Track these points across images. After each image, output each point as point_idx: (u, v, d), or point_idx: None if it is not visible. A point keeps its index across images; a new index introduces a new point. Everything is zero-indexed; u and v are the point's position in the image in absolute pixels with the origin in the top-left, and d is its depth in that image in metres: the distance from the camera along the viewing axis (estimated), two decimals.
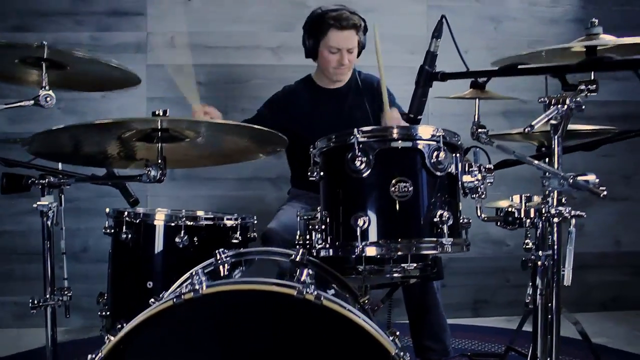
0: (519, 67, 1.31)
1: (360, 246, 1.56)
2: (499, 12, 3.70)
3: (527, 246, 1.84)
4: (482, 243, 3.48)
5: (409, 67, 3.59)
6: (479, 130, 1.82)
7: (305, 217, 1.91)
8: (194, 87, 2.31)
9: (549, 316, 1.61)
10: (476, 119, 1.84)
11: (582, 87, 1.71)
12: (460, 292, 3.60)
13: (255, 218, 2.25)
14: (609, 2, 3.74)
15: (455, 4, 3.67)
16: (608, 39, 1.71)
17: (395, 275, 1.81)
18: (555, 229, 1.55)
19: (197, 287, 1.29)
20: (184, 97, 2.44)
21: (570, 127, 1.66)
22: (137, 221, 2.09)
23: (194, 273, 1.39)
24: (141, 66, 3.51)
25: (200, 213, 2.45)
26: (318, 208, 1.78)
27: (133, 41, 3.52)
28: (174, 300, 1.26)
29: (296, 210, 2.50)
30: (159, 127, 1.72)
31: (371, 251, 1.57)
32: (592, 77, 1.79)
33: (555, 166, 1.55)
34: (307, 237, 1.89)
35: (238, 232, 2.13)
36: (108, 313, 2.21)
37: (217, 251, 1.79)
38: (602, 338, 3.19)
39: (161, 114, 1.78)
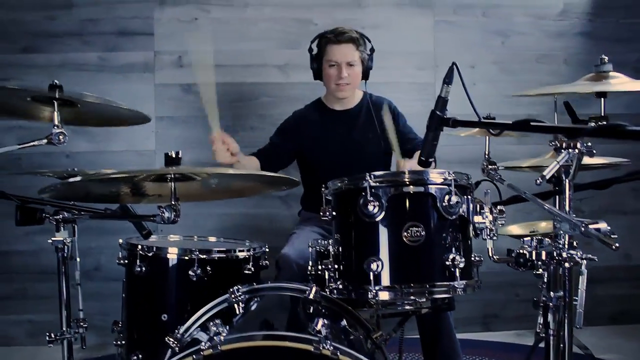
0: (532, 124, 1.31)
1: (374, 291, 1.57)
2: (506, 26, 3.69)
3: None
4: (495, 255, 3.46)
5: (416, 83, 3.66)
6: (490, 167, 1.84)
7: (317, 248, 1.94)
8: (216, 109, 2.31)
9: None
10: (486, 156, 1.86)
11: (592, 123, 1.73)
12: (469, 307, 3.62)
13: (267, 246, 2.27)
14: (616, 14, 3.72)
15: (462, 18, 3.66)
16: (617, 80, 1.70)
17: (407, 307, 1.83)
18: (567, 271, 1.57)
19: (216, 341, 1.31)
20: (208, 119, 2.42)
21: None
22: (150, 254, 2.11)
23: (212, 323, 1.41)
24: (149, 85, 3.53)
25: (212, 240, 2.49)
26: (330, 241, 1.81)
27: (141, 61, 3.54)
28: (194, 356, 1.28)
29: (311, 235, 2.54)
30: (172, 177, 1.72)
31: (384, 296, 1.59)
32: (603, 113, 1.82)
33: (567, 209, 1.56)
34: (319, 267, 1.93)
35: (250, 263, 2.14)
36: (123, 342, 2.23)
37: (231, 290, 1.81)
38: (611, 354, 3.20)
39: (173, 155, 1.79)
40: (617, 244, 1.38)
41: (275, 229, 3.51)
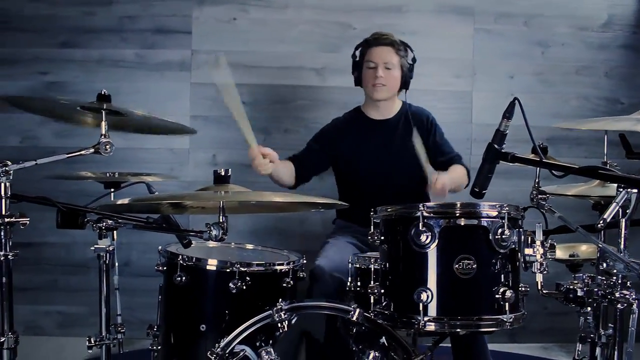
0: (600, 171, 1.29)
1: (423, 321, 1.57)
2: (547, 36, 3.63)
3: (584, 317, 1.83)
4: (530, 285, 3.43)
5: (453, 91, 3.62)
6: (540, 196, 1.82)
7: (357, 264, 1.94)
8: (249, 126, 2.31)
9: None
10: (537, 185, 1.84)
11: None
12: None
13: (304, 258, 2.27)
14: None
15: (503, 27, 3.61)
16: None
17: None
18: (618, 312, 1.56)
19: None
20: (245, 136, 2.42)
21: None
22: (191, 265, 2.12)
23: (264, 352, 1.40)
24: (185, 84, 3.53)
25: (249, 247, 2.50)
26: (372, 259, 1.80)
27: (177, 59, 3.54)
28: None
29: (345, 246, 2.53)
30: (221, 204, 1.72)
31: (431, 327, 1.59)
32: None
33: (622, 249, 1.54)
34: (358, 283, 1.94)
35: (290, 277, 2.14)
36: (159, 347, 2.24)
37: (275, 309, 1.81)
38: None
39: (223, 173, 1.80)
40: None
41: (306, 232, 3.51)
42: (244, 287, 2.05)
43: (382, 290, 1.71)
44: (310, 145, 2.91)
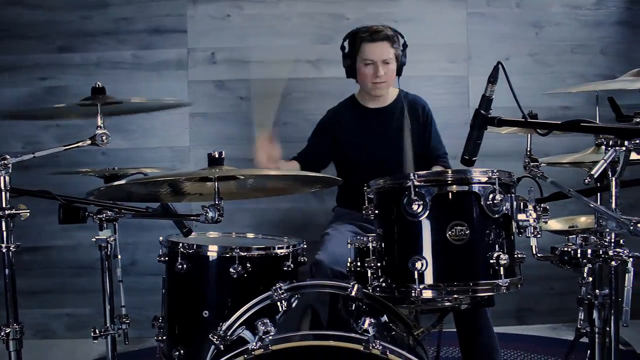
0: (583, 124, 1.30)
1: (418, 289, 1.58)
2: (541, 17, 3.63)
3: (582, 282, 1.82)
4: (526, 251, 3.43)
5: (448, 76, 3.63)
6: (532, 164, 1.83)
7: (356, 245, 1.96)
8: (272, 113, 2.34)
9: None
10: (528, 152, 1.85)
11: (638, 119, 1.71)
12: (504, 300, 3.57)
13: (304, 242, 2.29)
14: None
15: (496, 10, 3.62)
16: None
17: (447, 303, 1.83)
18: (613, 270, 1.56)
19: (266, 341, 1.34)
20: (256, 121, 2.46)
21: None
22: (191, 252, 2.14)
23: (260, 322, 1.43)
24: (183, 82, 3.57)
25: (250, 236, 2.52)
26: (370, 237, 1.81)
27: (174, 58, 3.58)
28: (245, 356, 1.31)
29: (344, 237, 2.54)
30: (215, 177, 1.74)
31: (427, 294, 1.60)
32: None
33: (613, 207, 1.55)
34: (359, 263, 1.95)
35: (290, 260, 2.16)
36: (164, 337, 2.27)
37: (274, 287, 1.82)
38: None
39: (217, 155, 1.82)
40: None
41: (309, 223, 3.53)
42: (245, 272, 2.08)
43: (379, 264, 1.72)
44: (310, 141, 2.94)
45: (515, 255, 1.71)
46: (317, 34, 3.59)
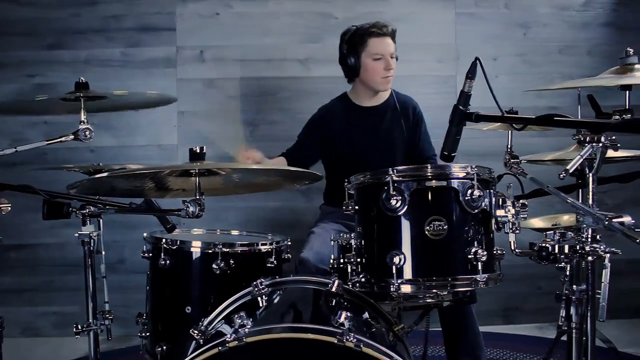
0: (556, 118, 1.31)
1: (396, 284, 1.59)
2: (529, 17, 3.65)
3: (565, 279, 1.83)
4: (517, 249, 3.43)
5: (437, 76, 3.65)
6: (512, 160, 1.84)
7: (339, 242, 1.96)
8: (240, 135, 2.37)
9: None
10: (509, 149, 1.86)
11: (616, 116, 1.73)
12: (491, 299, 3.61)
13: (289, 240, 2.29)
14: None
15: (484, 10, 3.64)
16: None
17: (429, 300, 1.84)
18: (589, 265, 1.57)
19: (241, 333, 1.34)
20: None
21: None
22: (175, 248, 2.14)
23: (236, 316, 1.43)
24: (171, 80, 3.56)
25: (235, 233, 2.52)
26: (352, 234, 1.82)
27: (163, 56, 3.58)
28: (220, 348, 1.31)
29: (329, 236, 2.55)
30: (196, 172, 1.75)
31: (406, 289, 1.60)
32: (627, 106, 1.80)
33: (590, 203, 1.56)
34: (341, 260, 1.95)
35: (273, 257, 2.16)
36: (147, 334, 2.27)
37: (254, 283, 1.83)
38: (634, 347, 3.18)
39: (198, 150, 1.82)
40: None
41: (296, 221, 3.53)
42: (228, 269, 2.08)
43: (359, 259, 1.72)
44: (300, 138, 2.94)
45: (495, 251, 1.72)
46: (306, 33, 3.60)
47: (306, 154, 2.88)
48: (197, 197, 1.79)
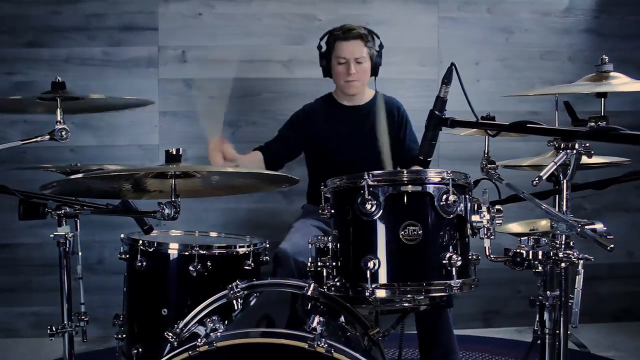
0: (528, 125, 1.31)
1: (370, 288, 1.58)
2: (511, 23, 3.68)
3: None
4: (493, 254, 3.45)
5: (419, 79, 3.65)
6: (489, 166, 1.84)
7: (317, 244, 1.95)
8: (220, 119, 2.33)
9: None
10: (486, 155, 1.86)
11: (592, 123, 1.74)
12: (471, 303, 3.63)
13: (267, 242, 2.29)
14: (622, 11, 3.70)
15: (467, 15, 3.65)
16: (618, 80, 1.70)
17: (406, 304, 1.84)
18: (562, 271, 1.58)
19: (212, 337, 1.33)
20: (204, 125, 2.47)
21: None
22: (151, 250, 2.13)
23: (209, 319, 1.42)
24: (153, 80, 3.54)
25: (213, 234, 2.51)
26: (329, 238, 1.81)
27: (145, 55, 3.55)
28: (190, 353, 1.30)
29: (309, 230, 2.55)
30: (173, 174, 1.73)
31: (381, 293, 1.59)
32: (602, 113, 1.81)
33: (564, 209, 1.57)
34: (319, 263, 1.94)
35: (250, 259, 2.16)
36: (124, 336, 2.25)
37: (230, 286, 1.82)
38: (612, 351, 3.21)
39: (174, 152, 1.81)
40: (612, 245, 1.37)
41: (277, 223, 3.51)
42: (205, 271, 2.07)
43: (334, 263, 1.72)
44: (281, 132, 2.93)
45: (470, 256, 1.72)
46: (288, 35, 3.59)
47: (287, 148, 2.89)
48: (173, 199, 1.78)
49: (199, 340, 1.36)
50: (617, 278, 3.75)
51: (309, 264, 1.98)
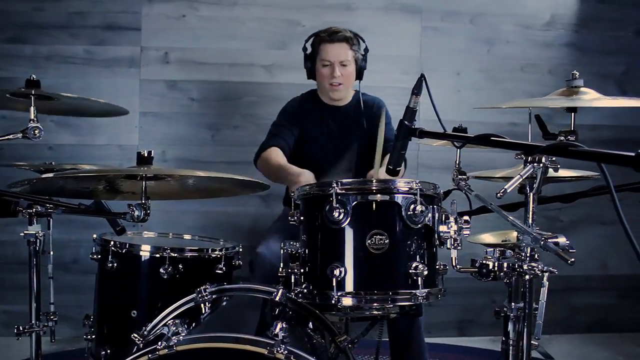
0: (492, 139, 1.33)
1: (336, 296, 1.59)
2: (493, 34, 3.71)
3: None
4: (467, 263, 3.45)
5: (401, 88, 3.65)
6: (460, 177, 1.85)
7: (289, 250, 1.95)
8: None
9: None
10: (457, 165, 1.87)
11: (562, 137, 1.76)
12: (445, 312, 3.65)
13: (240, 246, 2.28)
14: (602, 26, 3.75)
15: (449, 25, 3.68)
16: (588, 95, 1.72)
17: (375, 312, 1.85)
18: (527, 283, 1.59)
19: (173, 341, 1.33)
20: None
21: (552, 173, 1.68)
22: (123, 251, 2.12)
23: (171, 323, 1.42)
24: (134, 81, 3.54)
25: (187, 237, 2.50)
26: (298, 244, 1.82)
27: (127, 55, 3.54)
28: (149, 356, 1.30)
29: (285, 234, 2.54)
30: (144, 176, 1.73)
31: (347, 301, 1.60)
32: (572, 127, 1.84)
33: (530, 222, 1.58)
34: (290, 269, 1.94)
35: (222, 263, 2.15)
36: (93, 337, 2.24)
37: (199, 289, 1.82)
38: None
39: (145, 154, 1.81)
40: (573, 259, 1.39)
41: (255, 227, 3.52)
42: (176, 273, 2.07)
43: (302, 270, 1.72)
44: (281, 122, 2.85)
45: (438, 266, 1.73)
46: (271, 39, 3.60)
47: (294, 137, 2.80)
48: (143, 201, 1.78)
49: (159, 343, 1.35)
50: (591, 290, 3.79)
51: (280, 270, 1.99)
